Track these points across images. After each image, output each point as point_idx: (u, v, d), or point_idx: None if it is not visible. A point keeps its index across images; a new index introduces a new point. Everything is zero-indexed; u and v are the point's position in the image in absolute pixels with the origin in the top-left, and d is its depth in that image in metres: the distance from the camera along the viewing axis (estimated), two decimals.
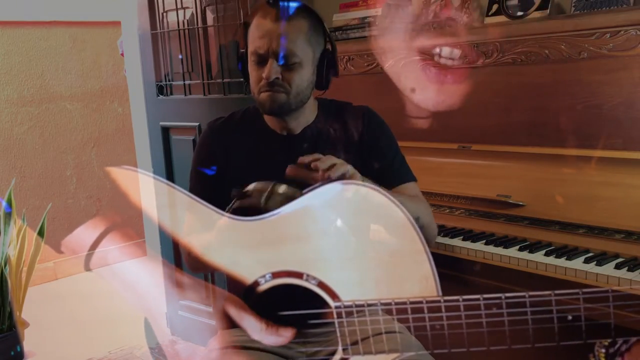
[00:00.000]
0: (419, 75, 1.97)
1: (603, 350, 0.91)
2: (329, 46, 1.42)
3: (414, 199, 1.42)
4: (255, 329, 1.00)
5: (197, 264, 1.26)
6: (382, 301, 0.90)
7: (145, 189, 1.05)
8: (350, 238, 0.98)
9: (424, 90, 1.95)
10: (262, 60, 1.34)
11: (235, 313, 1.01)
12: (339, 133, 1.44)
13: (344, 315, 0.96)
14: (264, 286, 1.04)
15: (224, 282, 1.18)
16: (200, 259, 1.07)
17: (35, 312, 2.94)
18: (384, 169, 1.43)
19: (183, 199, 1.06)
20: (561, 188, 1.61)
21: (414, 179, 1.48)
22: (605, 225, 1.50)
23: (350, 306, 0.95)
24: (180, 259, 2.78)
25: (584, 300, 0.69)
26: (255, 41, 1.34)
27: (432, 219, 1.43)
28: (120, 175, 1.04)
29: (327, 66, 1.41)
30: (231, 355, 1.30)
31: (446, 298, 0.79)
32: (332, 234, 0.98)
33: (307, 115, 1.46)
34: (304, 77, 1.36)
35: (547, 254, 1.48)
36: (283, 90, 1.34)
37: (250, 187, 1.14)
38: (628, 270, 1.35)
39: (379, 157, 1.44)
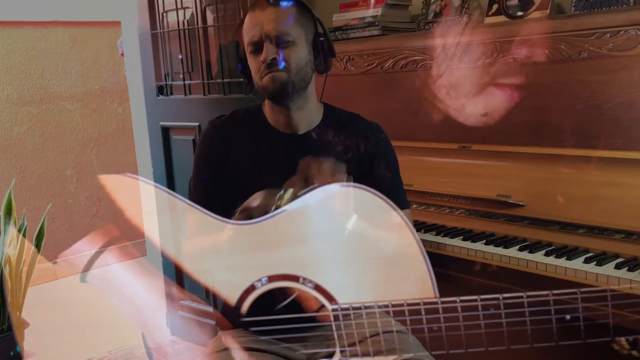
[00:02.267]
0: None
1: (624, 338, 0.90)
2: (320, 30, 1.45)
3: None
4: None
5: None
6: (379, 303, 0.90)
7: (145, 195, 1.04)
8: (346, 240, 0.98)
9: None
10: (258, 48, 1.37)
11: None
12: (343, 142, 1.43)
13: (340, 317, 0.96)
14: (259, 290, 1.03)
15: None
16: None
17: (35, 312, 2.93)
18: (381, 191, 1.43)
19: (178, 203, 1.05)
20: (561, 188, 1.61)
21: (407, 206, 1.49)
22: (605, 225, 1.49)
23: (347, 308, 0.95)
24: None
25: (582, 300, 0.69)
26: (248, 33, 1.38)
27: None
28: (117, 182, 1.04)
29: (322, 47, 1.43)
30: (231, 355, 1.30)
31: (444, 299, 0.79)
32: (328, 236, 0.98)
33: (312, 114, 1.46)
34: (301, 55, 1.38)
35: (547, 254, 1.48)
36: (283, 70, 1.36)
37: (254, 202, 1.13)
38: (628, 270, 1.34)
39: (378, 176, 1.44)
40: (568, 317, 0.75)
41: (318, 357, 1.33)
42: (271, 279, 1.02)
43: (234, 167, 1.43)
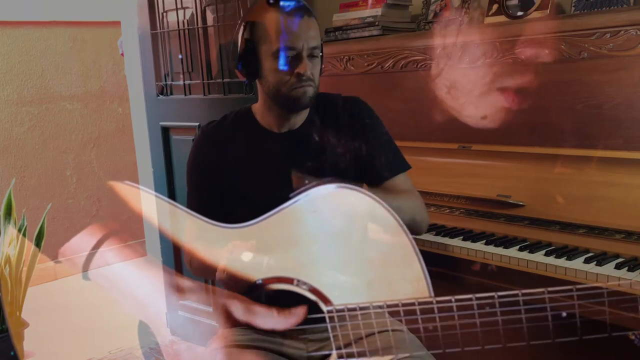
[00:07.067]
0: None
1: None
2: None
3: (408, 196, 1.42)
4: (267, 318, 0.99)
5: (201, 270, 1.26)
6: (374, 304, 0.90)
7: (146, 200, 1.05)
8: (340, 241, 0.98)
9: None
10: (291, 57, 1.33)
11: (241, 309, 1.00)
12: (332, 126, 1.44)
13: (336, 319, 0.96)
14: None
15: None
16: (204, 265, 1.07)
17: (35, 312, 2.93)
18: (377, 160, 1.43)
19: (174, 209, 1.05)
20: (561, 188, 1.61)
21: (406, 168, 1.48)
22: (605, 225, 1.49)
23: (343, 310, 0.94)
24: (180, 260, 2.78)
25: (577, 297, 0.69)
26: (279, 40, 1.33)
27: (425, 210, 1.45)
28: (122, 187, 1.04)
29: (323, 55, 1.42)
30: (231, 354, 1.30)
31: (438, 299, 0.79)
32: (322, 238, 0.98)
33: (306, 110, 1.45)
34: (319, 68, 1.39)
35: (547, 254, 1.47)
36: (312, 84, 1.36)
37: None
38: (628, 270, 1.34)
39: (371, 147, 1.44)
40: (564, 314, 0.74)
41: (317, 356, 1.33)
42: (266, 281, 1.01)
43: (230, 173, 1.41)
